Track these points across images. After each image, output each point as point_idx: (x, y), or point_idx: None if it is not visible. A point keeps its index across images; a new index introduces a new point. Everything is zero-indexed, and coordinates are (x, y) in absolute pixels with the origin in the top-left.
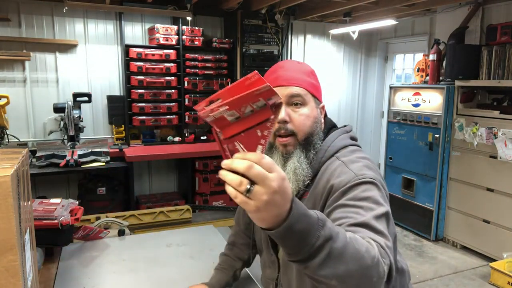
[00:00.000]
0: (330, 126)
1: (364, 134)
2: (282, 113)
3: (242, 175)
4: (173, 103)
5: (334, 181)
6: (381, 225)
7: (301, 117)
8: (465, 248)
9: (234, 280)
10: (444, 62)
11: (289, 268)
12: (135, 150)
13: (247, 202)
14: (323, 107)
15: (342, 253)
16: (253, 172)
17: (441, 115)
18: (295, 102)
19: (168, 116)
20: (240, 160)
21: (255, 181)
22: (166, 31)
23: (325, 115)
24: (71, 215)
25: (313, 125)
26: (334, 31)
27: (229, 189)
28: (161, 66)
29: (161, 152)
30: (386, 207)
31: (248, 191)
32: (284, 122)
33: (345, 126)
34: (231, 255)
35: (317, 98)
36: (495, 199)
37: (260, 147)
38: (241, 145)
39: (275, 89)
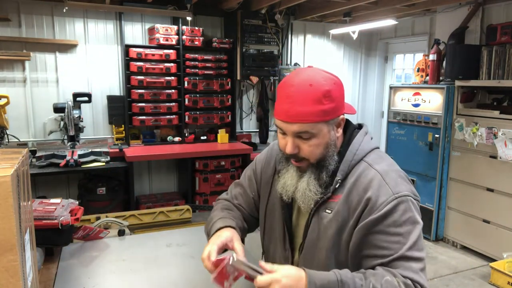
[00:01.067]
0: (353, 128)
1: None
2: (289, 147)
3: None
4: (173, 103)
5: (371, 194)
6: (417, 251)
7: (310, 148)
8: (465, 248)
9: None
10: (444, 62)
11: (312, 263)
12: (135, 150)
13: None
14: (342, 120)
15: None
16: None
17: (441, 115)
18: (303, 136)
19: (168, 116)
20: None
21: None
22: (166, 31)
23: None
24: (71, 215)
25: (324, 151)
26: (334, 31)
27: None
28: (161, 66)
29: (161, 152)
30: (420, 222)
31: None
32: (293, 155)
33: (360, 125)
34: (232, 213)
35: (332, 118)
36: (495, 199)
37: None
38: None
39: (280, 122)
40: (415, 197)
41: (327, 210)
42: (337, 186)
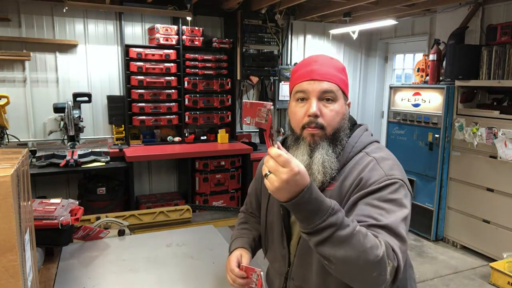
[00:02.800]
0: (354, 123)
1: None
2: (314, 107)
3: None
4: (173, 103)
5: (364, 174)
6: (401, 229)
7: (332, 113)
8: (465, 248)
9: (254, 250)
10: (444, 62)
11: (306, 262)
12: (135, 150)
13: (265, 183)
14: (349, 104)
15: (344, 241)
16: (268, 165)
17: (441, 115)
18: (327, 97)
19: (168, 116)
20: (267, 154)
21: (270, 171)
22: (166, 31)
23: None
24: (71, 215)
25: (341, 121)
26: (334, 31)
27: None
28: (161, 66)
29: (161, 152)
30: (408, 210)
31: (265, 175)
32: (315, 116)
33: (361, 124)
34: (246, 226)
35: (345, 95)
36: (495, 199)
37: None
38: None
39: (309, 82)
40: (408, 186)
41: None
42: (334, 175)
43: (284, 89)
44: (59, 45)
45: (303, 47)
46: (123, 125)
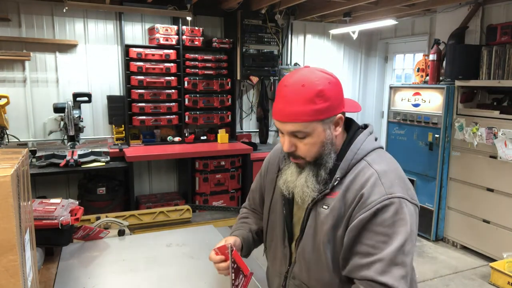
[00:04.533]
0: (356, 128)
1: None
2: (286, 147)
3: None
4: (173, 103)
5: (365, 190)
6: (402, 255)
7: (306, 146)
8: (465, 248)
9: (251, 241)
10: (444, 62)
11: (307, 262)
12: (135, 150)
13: None
14: (341, 118)
15: None
16: None
17: (441, 115)
18: (297, 135)
19: (168, 116)
20: None
21: None
22: (166, 31)
23: (346, 118)
24: (71, 215)
25: (320, 150)
26: (334, 31)
27: None
28: (161, 66)
29: (161, 152)
30: (411, 228)
31: None
32: (290, 153)
33: (365, 125)
34: (245, 220)
35: (327, 117)
36: (495, 199)
37: None
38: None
39: (278, 121)
40: (412, 201)
41: (324, 206)
42: (335, 183)
43: None
44: (59, 45)
45: (303, 47)
46: (123, 125)
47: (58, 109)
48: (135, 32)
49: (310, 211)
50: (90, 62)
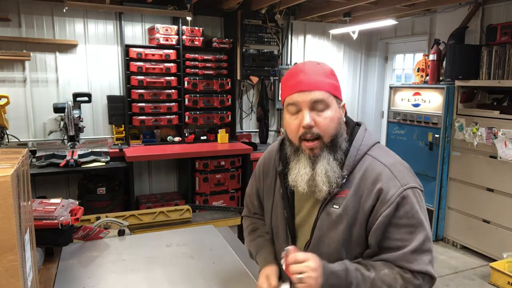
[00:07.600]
0: (354, 124)
1: None
2: (307, 119)
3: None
4: (173, 103)
5: (381, 185)
6: (428, 242)
7: (326, 120)
8: (465, 248)
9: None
10: (444, 62)
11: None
12: (135, 150)
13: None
14: (343, 106)
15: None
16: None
17: (441, 115)
18: (319, 106)
19: (168, 116)
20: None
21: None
22: (166, 31)
23: (345, 113)
24: (71, 215)
25: (337, 127)
26: (334, 31)
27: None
28: (161, 66)
29: (161, 152)
30: (426, 214)
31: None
32: (310, 127)
33: (358, 123)
34: (260, 233)
35: (338, 98)
36: (495, 199)
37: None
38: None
39: (298, 93)
40: (420, 188)
41: (334, 206)
42: (344, 181)
43: None
44: (59, 45)
45: (303, 47)
46: (123, 125)
47: (58, 109)
48: (135, 32)
49: (320, 213)
50: (90, 62)
